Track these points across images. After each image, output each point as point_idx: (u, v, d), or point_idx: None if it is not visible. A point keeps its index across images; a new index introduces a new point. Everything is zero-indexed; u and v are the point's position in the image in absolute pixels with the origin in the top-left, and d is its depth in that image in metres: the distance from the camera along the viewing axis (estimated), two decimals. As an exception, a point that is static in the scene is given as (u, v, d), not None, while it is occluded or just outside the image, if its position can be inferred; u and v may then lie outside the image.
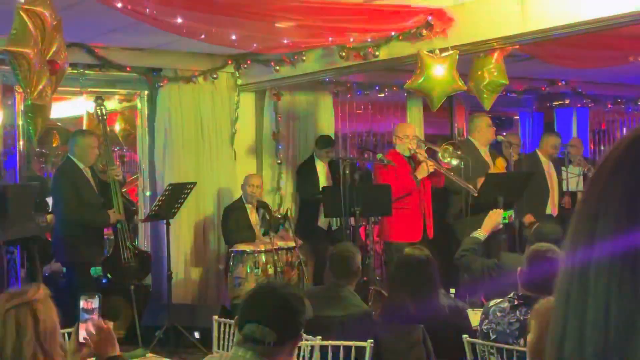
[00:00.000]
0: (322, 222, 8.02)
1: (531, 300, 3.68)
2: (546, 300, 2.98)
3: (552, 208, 8.10)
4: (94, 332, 2.53)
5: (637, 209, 0.76)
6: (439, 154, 7.00)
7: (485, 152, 7.52)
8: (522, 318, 3.69)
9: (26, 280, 6.44)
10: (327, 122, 8.79)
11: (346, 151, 9.67)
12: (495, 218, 5.21)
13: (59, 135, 10.13)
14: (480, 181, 6.86)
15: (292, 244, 7.03)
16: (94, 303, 2.64)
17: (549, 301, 3.04)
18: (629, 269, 0.74)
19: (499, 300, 3.96)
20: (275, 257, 6.79)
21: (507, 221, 5.24)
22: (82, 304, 2.64)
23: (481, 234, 5.13)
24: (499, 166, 7.55)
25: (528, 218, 7.70)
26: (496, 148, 8.59)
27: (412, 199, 6.95)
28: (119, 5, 4.64)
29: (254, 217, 7.46)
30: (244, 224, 7.37)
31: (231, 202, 7.69)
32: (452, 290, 5.08)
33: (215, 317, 4.66)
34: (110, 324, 2.59)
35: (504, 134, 9.74)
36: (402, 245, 6.83)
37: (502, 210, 5.39)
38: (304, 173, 8.26)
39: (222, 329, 4.55)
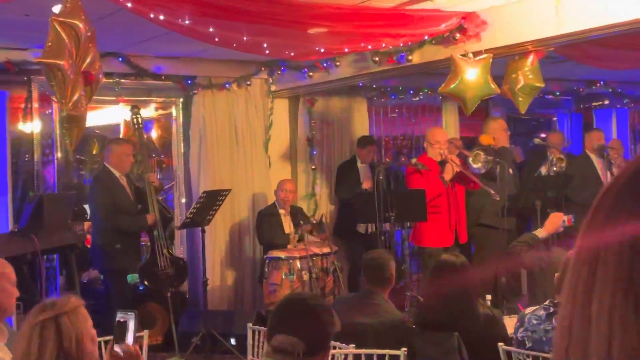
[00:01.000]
0: (360, 226, 7.99)
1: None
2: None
3: None
4: (121, 353, 2.59)
5: None
6: (471, 160, 6.92)
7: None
8: (558, 326, 3.63)
9: (65, 288, 6.53)
10: (361, 127, 8.77)
11: (381, 155, 9.63)
12: (556, 221, 5.29)
13: (97, 142, 10.26)
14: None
15: (327, 250, 7.02)
16: (130, 319, 2.69)
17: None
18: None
19: (534, 307, 3.91)
20: (310, 263, 6.79)
21: (566, 224, 5.34)
22: (118, 318, 2.69)
23: (541, 233, 5.21)
24: (483, 141, 7.37)
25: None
26: (535, 150, 8.49)
27: (445, 204, 6.89)
28: (152, 15, 4.68)
29: (287, 223, 7.46)
30: (277, 229, 7.39)
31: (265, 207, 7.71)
32: (488, 297, 5.02)
33: (250, 324, 4.66)
34: (143, 341, 2.63)
35: (542, 135, 9.61)
36: (435, 250, 6.81)
37: (562, 213, 5.44)
38: (345, 172, 8.21)
39: (256, 336, 4.56)
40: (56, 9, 4.44)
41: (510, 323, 4.38)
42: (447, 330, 4.01)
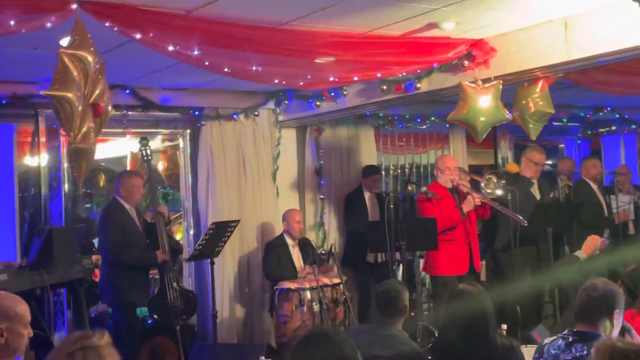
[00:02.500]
0: (370, 256, 7.93)
1: (586, 336, 3.56)
2: (608, 339, 2.87)
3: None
4: None
5: None
6: (483, 185, 6.89)
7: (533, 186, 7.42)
8: (578, 355, 3.55)
9: (73, 322, 6.45)
10: (369, 156, 8.76)
11: (389, 184, 9.59)
12: (594, 243, 5.64)
13: (104, 175, 10.24)
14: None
15: (337, 280, 6.94)
16: None
17: (612, 339, 2.92)
18: None
19: (553, 337, 3.83)
20: (321, 294, 6.71)
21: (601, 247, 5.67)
22: None
23: (582, 254, 5.54)
24: (510, 169, 7.43)
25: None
26: (544, 177, 8.44)
27: (459, 232, 6.83)
28: (170, 48, 4.66)
29: (295, 254, 7.39)
30: (286, 261, 7.31)
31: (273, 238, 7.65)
32: (504, 327, 4.94)
33: (262, 357, 4.58)
34: None
35: (549, 162, 9.59)
36: (449, 278, 6.74)
37: (599, 236, 5.76)
38: (352, 203, 8.20)
39: (269, 370, 4.48)
40: (64, 42, 4.43)
41: (526, 352, 4.30)
42: (464, 361, 3.93)
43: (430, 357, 4.38)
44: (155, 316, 6.61)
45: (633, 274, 4.71)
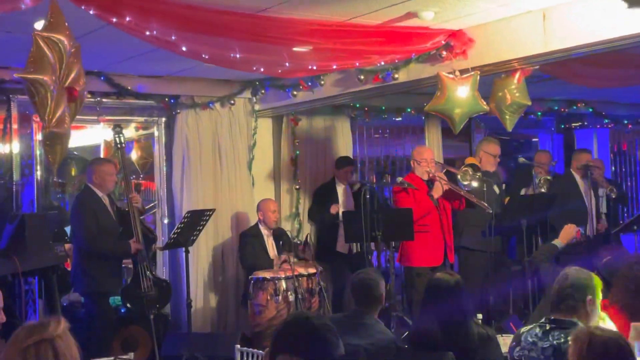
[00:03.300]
0: (342, 246, 7.92)
1: (564, 324, 3.58)
2: (586, 326, 2.88)
3: (590, 229, 7.85)
4: None
5: None
6: (459, 177, 6.90)
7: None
8: (555, 342, 3.57)
9: (45, 310, 6.37)
10: (345, 147, 8.73)
11: (364, 175, 9.59)
12: (570, 231, 5.79)
13: (75, 164, 10.12)
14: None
15: (312, 270, 6.93)
16: None
17: (589, 327, 2.94)
18: None
19: (530, 326, 3.85)
20: (296, 284, 6.69)
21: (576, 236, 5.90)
22: None
23: (559, 243, 5.70)
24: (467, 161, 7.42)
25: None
26: (520, 170, 8.50)
27: (433, 223, 6.84)
28: (147, 33, 4.59)
29: (270, 244, 7.36)
30: (260, 251, 7.28)
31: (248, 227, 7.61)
32: (479, 316, 4.96)
33: (238, 346, 4.56)
34: None
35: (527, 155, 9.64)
36: (424, 270, 6.75)
37: (574, 225, 5.89)
38: (322, 195, 8.18)
39: (244, 358, 4.45)
40: (39, 25, 4.35)
41: (502, 342, 4.32)
42: (441, 350, 3.93)
43: (406, 346, 4.39)
44: (128, 305, 6.55)
45: (608, 264, 4.75)
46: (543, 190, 7.68)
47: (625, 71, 6.75)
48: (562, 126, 11.27)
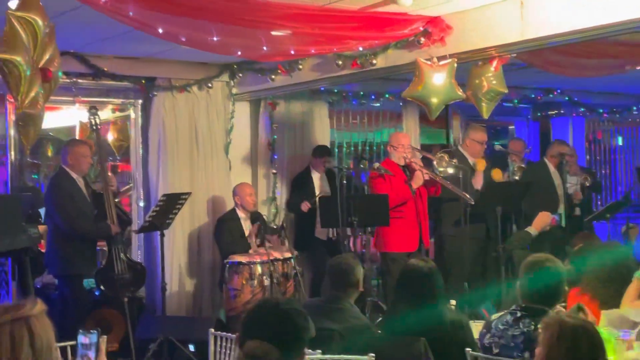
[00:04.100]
0: (320, 232, 7.93)
1: (535, 312, 3.61)
2: (555, 312, 2.91)
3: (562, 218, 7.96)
4: None
5: None
6: (435, 163, 6.92)
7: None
8: (526, 330, 3.61)
9: (18, 292, 6.32)
10: (322, 132, 8.72)
11: (342, 161, 9.59)
12: (544, 219, 5.90)
13: (52, 145, 10.02)
14: None
15: (288, 254, 6.93)
16: (92, 339, 2.75)
17: (559, 313, 2.96)
18: None
19: (501, 313, 3.88)
20: (272, 268, 6.69)
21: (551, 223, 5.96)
22: (81, 339, 2.74)
23: (533, 231, 5.81)
24: (495, 177, 7.47)
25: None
26: (496, 157, 8.55)
27: (409, 209, 6.86)
28: (125, 14, 4.53)
29: (247, 228, 7.35)
30: (238, 235, 7.27)
31: (224, 212, 7.59)
32: (453, 302, 4.99)
33: (212, 330, 4.55)
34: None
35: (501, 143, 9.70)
36: (399, 255, 6.78)
37: (549, 212, 6.01)
38: (298, 184, 8.18)
39: (218, 342, 4.45)
40: (12, 4, 4.28)
41: (474, 328, 4.35)
42: (414, 335, 3.95)
43: (380, 332, 4.41)
44: (102, 287, 6.52)
45: (579, 253, 4.80)
46: (517, 177, 7.73)
47: (602, 61, 6.80)
48: (539, 114, 11.34)
